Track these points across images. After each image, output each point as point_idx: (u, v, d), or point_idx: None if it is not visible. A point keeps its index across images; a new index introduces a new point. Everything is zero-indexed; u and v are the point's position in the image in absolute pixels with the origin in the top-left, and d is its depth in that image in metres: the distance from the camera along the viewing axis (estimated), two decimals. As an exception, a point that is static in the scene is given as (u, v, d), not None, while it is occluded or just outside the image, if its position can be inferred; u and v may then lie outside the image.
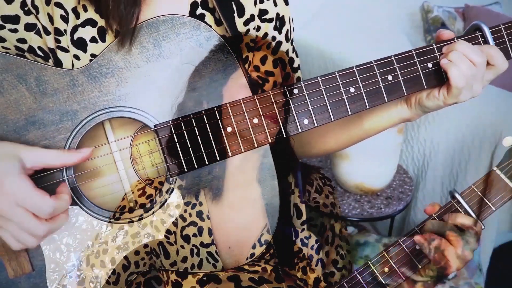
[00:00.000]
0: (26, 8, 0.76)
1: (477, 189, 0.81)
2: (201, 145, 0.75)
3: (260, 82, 0.88)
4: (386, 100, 0.80)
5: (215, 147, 0.76)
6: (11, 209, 0.65)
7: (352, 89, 0.79)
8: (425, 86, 0.82)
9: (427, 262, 0.80)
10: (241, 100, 0.76)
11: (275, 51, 0.90)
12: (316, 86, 0.78)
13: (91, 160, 0.77)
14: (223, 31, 0.84)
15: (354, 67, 0.79)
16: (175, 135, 0.75)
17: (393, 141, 1.71)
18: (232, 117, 0.76)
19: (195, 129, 0.75)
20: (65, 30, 0.78)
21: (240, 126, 0.76)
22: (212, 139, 0.76)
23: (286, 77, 0.94)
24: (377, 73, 0.79)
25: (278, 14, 0.88)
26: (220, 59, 0.77)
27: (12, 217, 0.66)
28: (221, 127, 0.76)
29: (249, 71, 0.88)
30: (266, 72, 0.88)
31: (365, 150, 1.62)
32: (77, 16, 0.78)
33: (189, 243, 0.80)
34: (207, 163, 0.76)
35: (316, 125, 0.78)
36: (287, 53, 0.92)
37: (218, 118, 0.75)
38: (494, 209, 0.80)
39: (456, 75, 0.78)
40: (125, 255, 0.78)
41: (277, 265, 0.91)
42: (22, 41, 0.78)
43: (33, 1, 0.76)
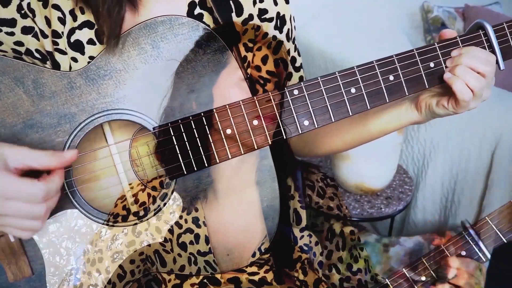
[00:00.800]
0: (23, 12, 0.76)
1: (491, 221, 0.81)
2: (200, 147, 0.75)
3: (262, 82, 0.87)
4: (388, 101, 0.79)
5: (214, 149, 0.75)
6: (2, 205, 0.64)
7: (353, 90, 0.78)
8: (427, 86, 0.81)
9: None
10: (240, 102, 0.75)
11: (276, 50, 0.89)
12: (317, 86, 0.77)
13: (90, 163, 0.76)
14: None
15: (355, 67, 0.78)
16: (173, 137, 0.75)
17: (393, 141, 1.71)
18: (231, 118, 0.75)
19: (194, 131, 0.75)
20: (62, 32, 0.77)
21: (240, 127, 0.75)
22: (212, 141, 0.75)
23: (288, 76, 0.93)
24: (378, 73, 0.78)
25: (278, 13, 0.88)
26: (219, 60, 0.76)
27: (6, 212, 0.65)
28: (220, 129, 0.75)
29: (249, 71, 0.87)
30: (268, 72, 0.88)
31: (365, 150, 1.60)
32: (75, 18, 0.77)
33: (186, 251, 0.79)
34: (206, 165, 0.75)
35: (316, 126, 0.77)
36: (288, 52, 0.91)
37: (217, 120, 0.75)
38: (505, 241, 0.80)
39: (461, 89, 0.77)
40: (126, 256, 0.77)
41: (277, 267, 0.90)
42: (19, 44, 0.77)
43: (29, 4, 0.76)
